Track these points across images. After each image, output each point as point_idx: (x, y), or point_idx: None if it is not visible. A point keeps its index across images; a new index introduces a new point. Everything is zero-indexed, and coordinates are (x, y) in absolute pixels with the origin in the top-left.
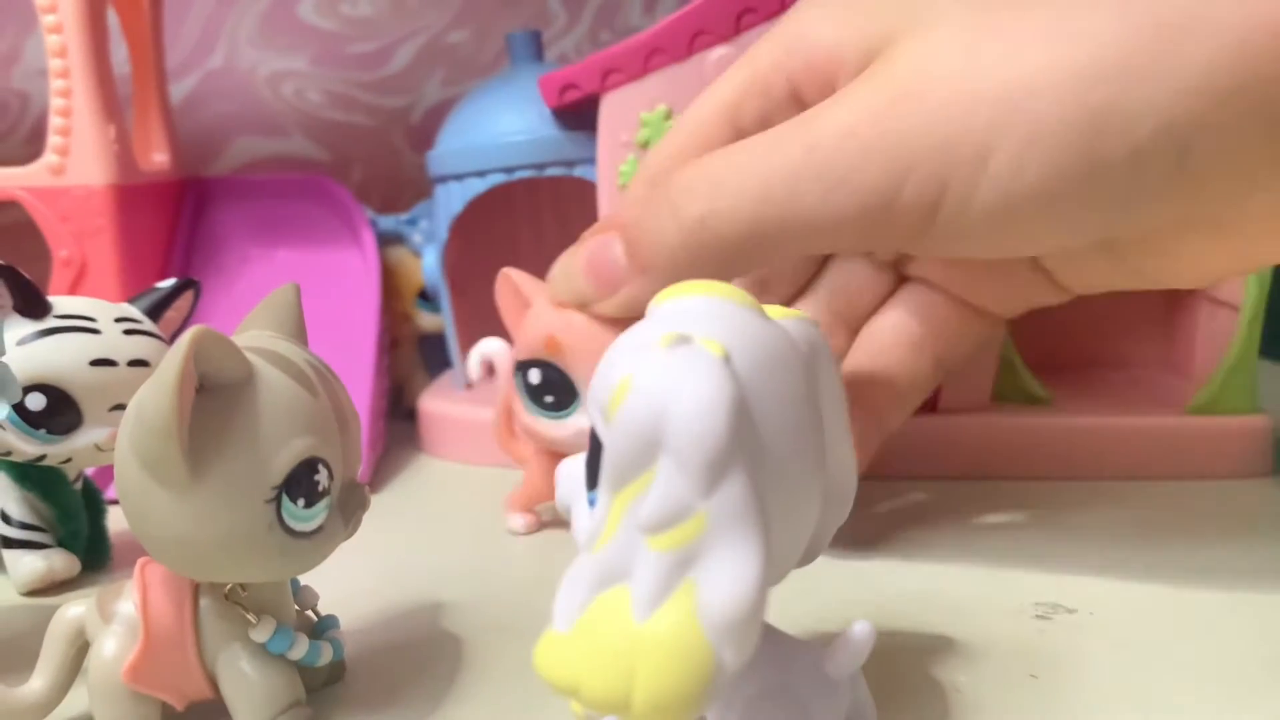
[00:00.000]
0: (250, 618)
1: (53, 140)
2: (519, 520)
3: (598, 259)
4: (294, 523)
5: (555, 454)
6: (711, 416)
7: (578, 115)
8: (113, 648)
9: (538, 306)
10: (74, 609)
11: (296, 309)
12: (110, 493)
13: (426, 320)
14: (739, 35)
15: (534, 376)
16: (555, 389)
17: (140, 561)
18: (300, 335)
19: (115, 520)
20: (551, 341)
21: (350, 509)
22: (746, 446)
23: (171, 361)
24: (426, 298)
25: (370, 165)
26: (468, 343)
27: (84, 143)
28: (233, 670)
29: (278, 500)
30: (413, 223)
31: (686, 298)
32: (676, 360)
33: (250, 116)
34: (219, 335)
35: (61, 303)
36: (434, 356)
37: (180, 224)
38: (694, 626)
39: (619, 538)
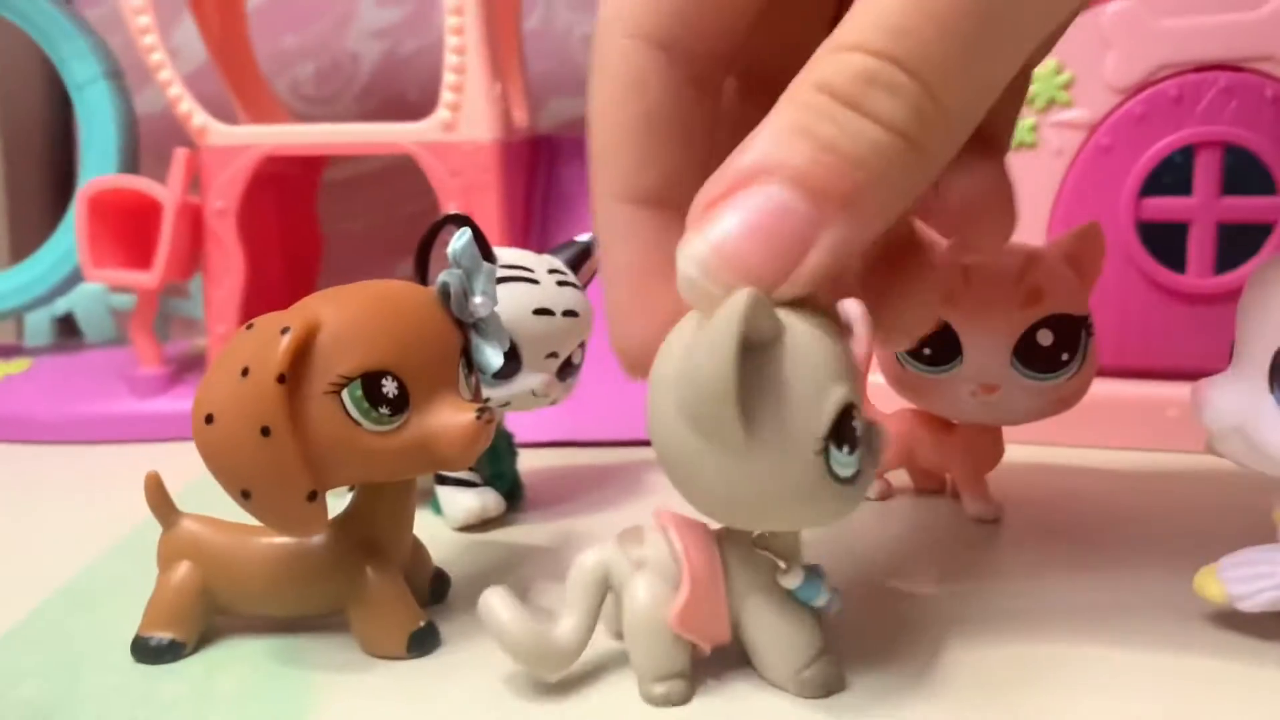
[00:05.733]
0: (780, 564)
1: (446, 97)
2: None
3: (766, 226)
4: (841, 470)
5: None
6: None
7: None
8: (649, 593)
9: None
10: (593, 557)
11: None
12: (519, 437)
13: None
14: None
15: None
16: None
17: (658, 510)
18: None
19: (523, 461)
20: None
21: (874, 448)
22: None
23: (727, 326)
24: None
25: None
26: None
27: (474, 100)
28: (762, 617)
29: (826, 450)
30: None
31: None
32: None
33: (565, 76)
34: (761, 296)
35: (501, 253)
36: None
37: (536, 180)
38: None
39: None
